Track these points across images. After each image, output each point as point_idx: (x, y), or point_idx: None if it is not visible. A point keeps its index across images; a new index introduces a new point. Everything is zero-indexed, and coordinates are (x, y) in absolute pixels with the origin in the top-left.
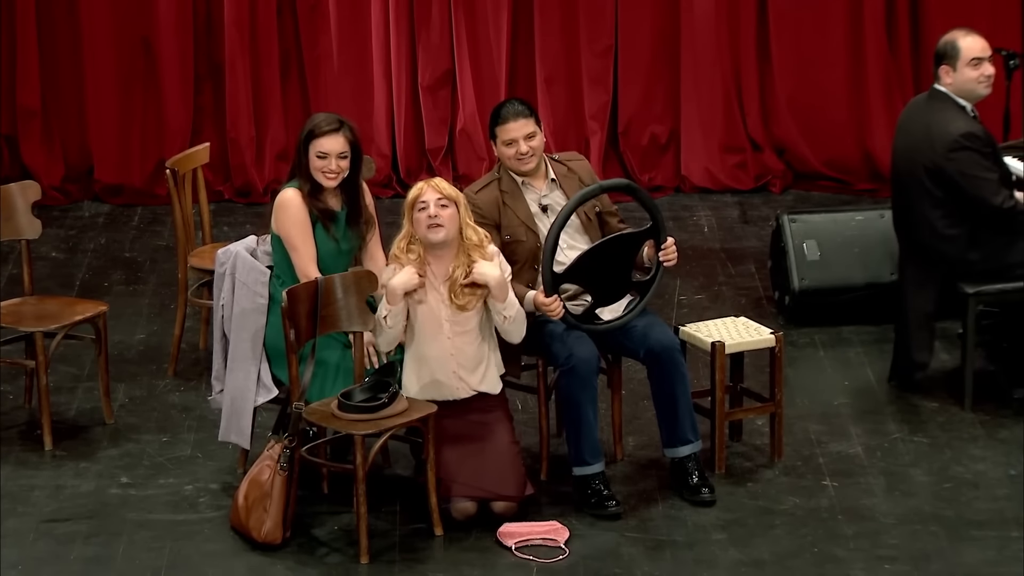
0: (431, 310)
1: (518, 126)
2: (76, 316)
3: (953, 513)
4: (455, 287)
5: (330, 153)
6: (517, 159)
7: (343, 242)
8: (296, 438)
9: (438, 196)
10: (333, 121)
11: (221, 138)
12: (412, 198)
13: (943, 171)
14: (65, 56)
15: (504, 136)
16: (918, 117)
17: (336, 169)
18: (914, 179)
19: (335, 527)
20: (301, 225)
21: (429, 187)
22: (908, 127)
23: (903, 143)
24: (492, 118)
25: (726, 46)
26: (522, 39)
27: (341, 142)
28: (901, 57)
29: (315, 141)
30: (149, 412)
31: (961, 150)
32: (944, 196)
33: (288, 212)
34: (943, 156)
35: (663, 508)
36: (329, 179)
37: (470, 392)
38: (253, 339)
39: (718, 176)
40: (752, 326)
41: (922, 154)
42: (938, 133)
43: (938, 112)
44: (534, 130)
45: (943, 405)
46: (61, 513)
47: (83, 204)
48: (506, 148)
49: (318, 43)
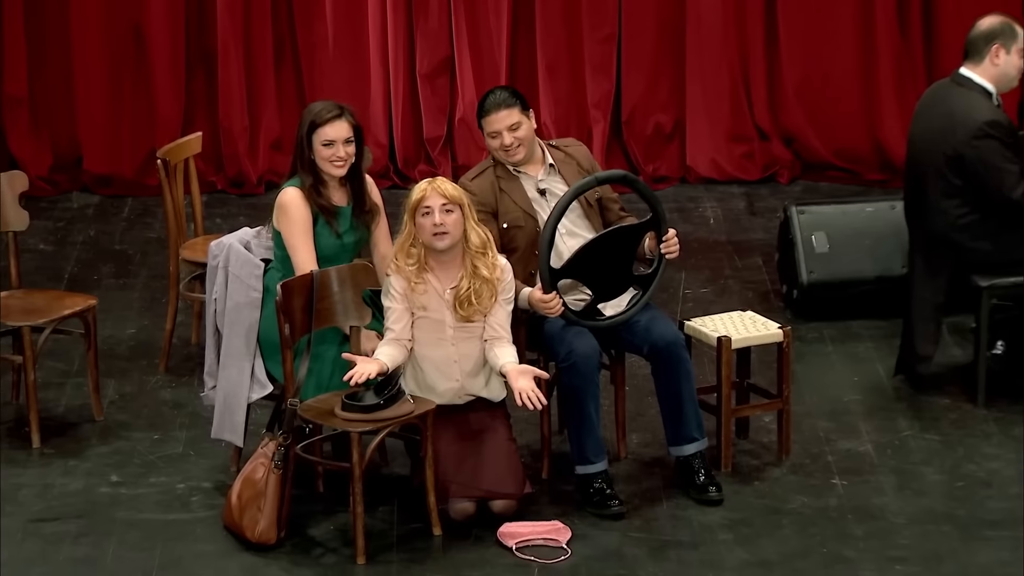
0: (435, 315)
1: (500, 117)
2: (65, 310)
3: (966, 512)
4: (460, 299)
5: (336, 140)
6: (503, 151)
7: (347, 236)
8: (291, 435)
9: (443, 201)
10: (333, 108)
11: (213, 127)
12: (415, 201)
13: (964, 158)
14: (53, 42)
15: (488, 128)
16: (940, 103)
17: (344, 156)
18: (932, 166)
19: (331, 527)
20: (301, 225)
21: (433, 191)
22: (929, 112)
23: (922, 129)
24: (478, 108)
25: (732, 32)
26: (523, 25)
27: (345, 127)
28: (913, 43)
29: (319, 130)
30: (140, 409)
31: (985, 138)
32: (962, 184)
33: (288, 212)
34: (966, 143)
35: (667, 508)
36: (338, 167)
37: (470, 398)
38: (247, 334)
39: (724, 166)
40: (759, 320)
41: (943, 140)
42: (962, 119)
43: (963, 98)
44: (518, 120)
45: (955, 401)
46: (49, 512)
47: (72, 195)
48: (491, 140)
49: (313, 29)
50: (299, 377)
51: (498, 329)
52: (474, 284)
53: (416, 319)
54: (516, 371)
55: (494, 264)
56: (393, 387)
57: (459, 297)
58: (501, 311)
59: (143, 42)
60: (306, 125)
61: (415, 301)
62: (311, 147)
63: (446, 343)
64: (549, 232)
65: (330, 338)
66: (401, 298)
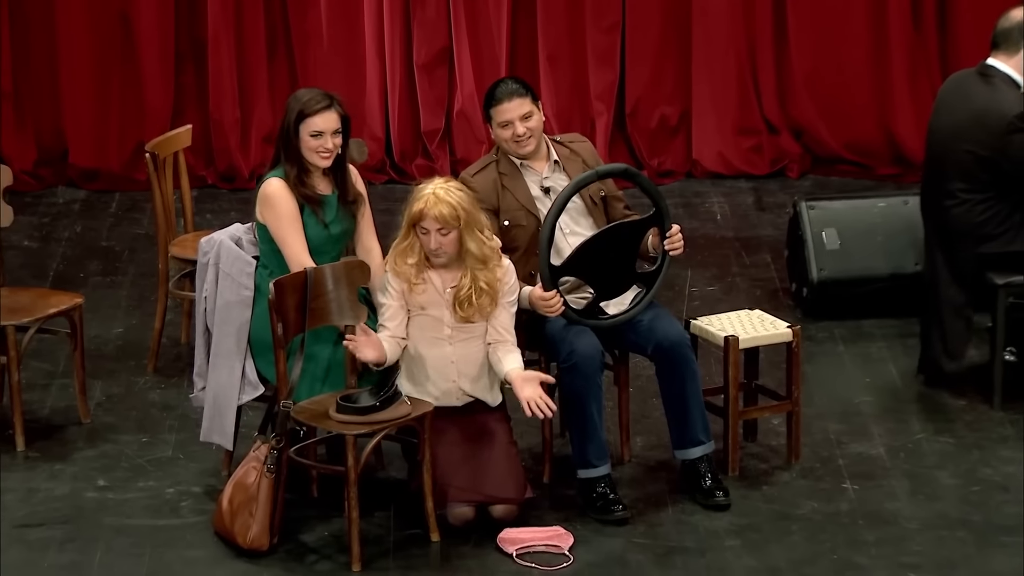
0: (433, 313)
1: (513, 106)
2: (50, 309)
3: (981, 518)
4: (460, 299)
5: (325, 131)
6: (514, 141)
7: (334, 226)
8: (284, 438)
9: (439, 226)
10: (323, 97)
11: (204, 120)
12: (414, 215)
13: (995, 154)
14: (37, 32)
15: (499, 117)
16: (965, 95)
17: (331, 147)
18: (954, 161)
19: (325, 533)
20: (289, 217)
21: (430, 215)
22: (952, 105)
23: (945, 122)
24: (486, 98)
25: (740, 22)
26: (523, 14)
27: (334, 118)
28: (927, 32)
29: (307, 120)
30: (127, 411)
31: (1017, 132)
32: (989, 180)
33: (273, 205)
34: (997, 138)
35: (673, 513)
36: (324, 158)
37: (469, 400)
38: (238, 333)
39: (732, 160)
40: (768, 319)
41: (970, 135)
42: (992, 114)
43: (991, 91)
44: (531, 110)
45: (971, 403)
46: (34, 518)
47: (57, 190)
48: (502, 130)
49: (307, 18)
50: (292, 378)
51: (502, 332)
52: (476, 285)
53: (413, 316)
54: (521, 379)
55: (494, 274)
56: (389, 388)
57: (459, 297)
58: (504, 313)
59: (131, 31)
60: (294, 113)
61: (413, 301)
62: (298, 136)
63: (443, 343)
64: (548, 228)
65: (324, 337)
66: (398, 295)
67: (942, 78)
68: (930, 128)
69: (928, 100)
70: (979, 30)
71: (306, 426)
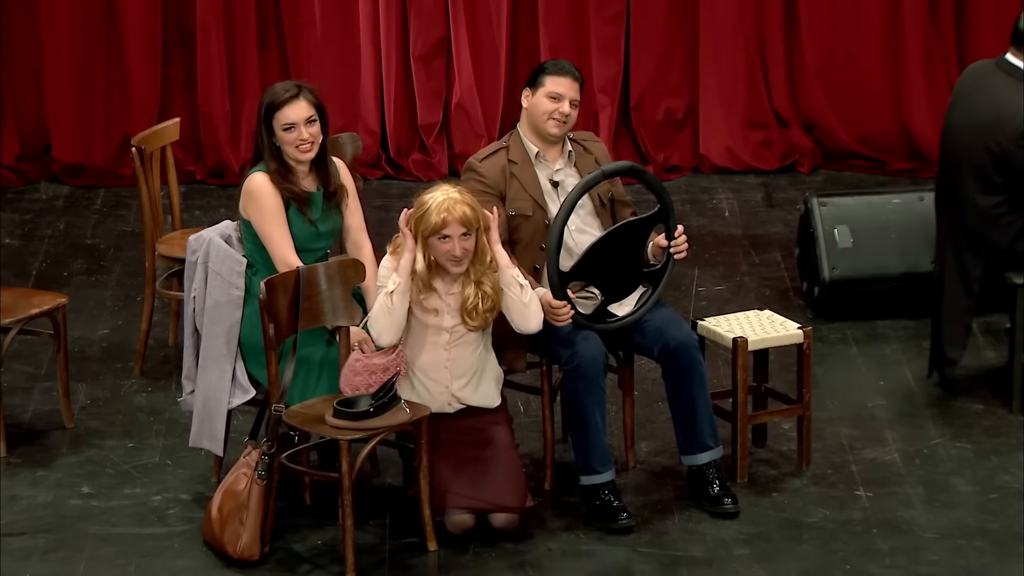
0: (432, 315)
1: (571, 84)
2: (32, 309)
3: (999, 526)
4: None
5: (296, 122)
6: (552, 118)
7: (321, 223)
8: (275, 444)
9: (463, 230)
10: (290, 87)
11: (192, 113)
12: (433, 226)
13: (1011, 157)
14: (19, 21)
15: (554, 87)
16: (984, 91)
17: (308, 137)
18: (971, 158)
19: (318, 541)
20: (273, 213)
21: (453, 219)
22: (970, 101)
23: (963, 118)
24: (544, 65)
25: (749, 10)
26: (525, 3)
27: (304, 107)
28: (943, 22)
29: (277, 114)
30: (113, 415)
31: None
32: (1005, 182)
33: (257, 200)
34: (1014, 142)
35: (679, 521)
36: (304, 151)
37: (461, 407)
38: (228, 335)
39: (740, 155)
40: (777, 320)
41: (988, 134)
42: (1010, 115)
43: (1010, 89)
44: (578, 98)
45: (988, 407)
46: (16, 526)
47: (40, 185)
48: (548, 101)
49: (299, 7)
50: (284, 381)
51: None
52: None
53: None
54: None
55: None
56: (387, 393)
57: (466, 307)
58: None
59: (116, 20)
60: (263, 108)
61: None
62: (272, 133)
63: (439, 347)
64: (556, 234)
65: (317, 339)
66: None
67: (959, 69)
68: (946, 123)
69: (945, 92)
70: (999, 18)
71: (299, 431)
